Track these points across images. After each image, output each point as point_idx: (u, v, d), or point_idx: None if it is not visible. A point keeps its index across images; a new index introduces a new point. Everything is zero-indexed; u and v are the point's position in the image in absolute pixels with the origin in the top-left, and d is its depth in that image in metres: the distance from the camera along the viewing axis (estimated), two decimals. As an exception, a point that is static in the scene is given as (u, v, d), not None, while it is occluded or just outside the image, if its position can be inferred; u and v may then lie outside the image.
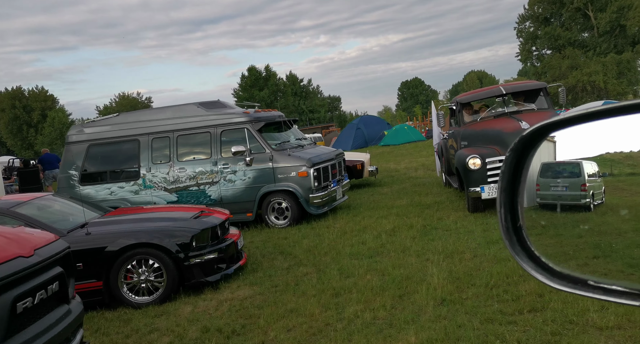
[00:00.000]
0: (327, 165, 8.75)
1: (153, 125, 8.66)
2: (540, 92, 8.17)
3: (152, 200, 8.57)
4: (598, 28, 50.66)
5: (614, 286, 0.76)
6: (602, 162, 0.84)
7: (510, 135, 6.69)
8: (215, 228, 5.58)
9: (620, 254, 0.83)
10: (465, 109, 8.36)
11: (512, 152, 0.90)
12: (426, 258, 5.62)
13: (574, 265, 0.86)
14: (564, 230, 0.92)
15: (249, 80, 75.60)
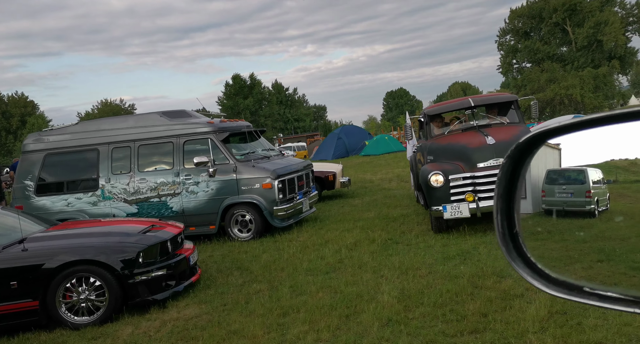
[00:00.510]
0: (293, 177, 8.60)
1: (114, 134, 8.43)
2: (512, 105, 7.76)
3: (111, 212, 8.32)
4: (576, 43, 51.76)
5: (609, 293, 0.76)
6: (607, 169, 0.85)
7: (475, 151, 6.43)
8: (165, 243, 5.38)
9: (623, 258, 0.83)
10: (434, 122, 7.86)
11: (508, 159, 0.90)
12: (381, 274, 5.49)
13: (570, 271, 0.87)
14: (569, 235, 0.92)
15: (234, 88, 75.34)
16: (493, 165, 6.23)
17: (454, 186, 6.35)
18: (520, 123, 7.52)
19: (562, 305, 3.93)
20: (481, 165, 6.29)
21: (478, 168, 6.29)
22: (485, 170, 6.25)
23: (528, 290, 4.43)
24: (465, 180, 6.30)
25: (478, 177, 6.27)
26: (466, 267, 5.29)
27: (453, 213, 6.25)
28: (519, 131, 6.83)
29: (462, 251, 5.92)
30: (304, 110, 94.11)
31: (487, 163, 6.27)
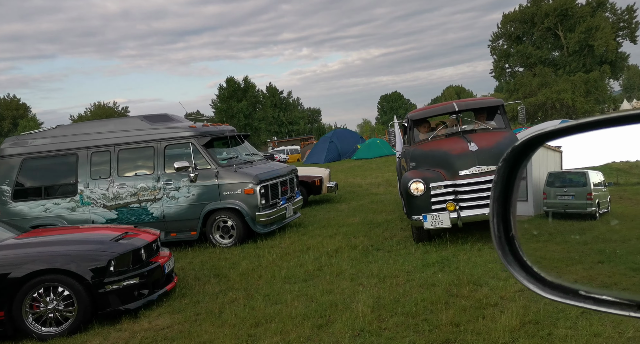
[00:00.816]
0: (276, 182, 8.51)
1: (93, 139, 8.30)
2: (498, 110, 7.41)
3: (90, 218, 8.18)
4: (567, 47, 52.09)
5: (605, 296, 0.76)
6: (608, 171, 0.85)
7: (457, 158, 6.15)
8: (139, 251, 5.26)
9: (623, 259, 0.84)
10: (419, 127, 7.50)
11: (504, 162, 0.90)
12: (359, 282, 5.40)
13: (567, 274, 0.87)
14: (570, 237, 0.93)
15: (227, 91, 75.09)
16: (475, 172, 5.99)
17: (435, 195, 6.07)
18: (506, 128, 7.20)
19: (534, 315, 3.86)
20: (463, 172, 6.03)
21: (460, 176, 6.04)
22: (467, 177, 6.01)
23: (503, 299, 4.36)
24: (447, 188, 6.05)
25: (460, 185, 6.02)
26: (444, 275, 5.21)
27: (434, 223, 5.97)
28: (503, 137, 6.57)
29: (442, 258, 5.85)
30: (298, 113, 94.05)
31: (469, 170, 6.02)
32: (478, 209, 5.89)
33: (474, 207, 5.91)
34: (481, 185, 5.89)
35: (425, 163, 6.53)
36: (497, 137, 6.63)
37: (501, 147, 6.16)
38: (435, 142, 7.01)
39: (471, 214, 5.90)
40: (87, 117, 69.50)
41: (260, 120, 75.19)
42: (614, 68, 51.62)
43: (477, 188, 5.91)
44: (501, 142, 6.36)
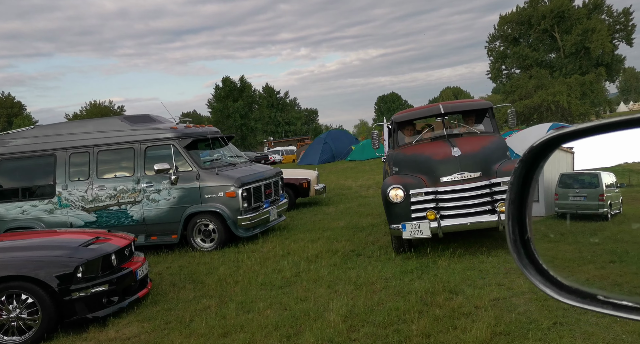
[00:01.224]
0: (259, 185, 8.37)
1: (72, 139, 8.14)
2: (486, 113, 7.02)
3: (69, 221, 8.02)
4: (564, 49, 52.10)
5: (624, 302, 0.75)
6: (620, 173, 0.85)
7: (439, 163, 5.82)
8: (109, 257, 5.12)
9: (635, 259, 0.83)
10: (405, 129, 7.12)
11: (521, 163, 0.88)
12: (335, 289, 5.27)
13: (583, 278, 0.87)
14: (582, 238, 0.93)
15: (224, 91, 74.79)
16: (457, 179, 5.67)
17: (415, 203, 5.73)
18: (494, 132, 6.85)
19: (506, 325, 3.74)
20: (445, 179, 5.71)
21: (441, 183, 5.72)
22: (448, 185, 5.69)
23: (477, 308, 4.24)
24: (427, 196, 5.71)
25: (441, 193, 5.69)
26: (421, 282, 5.09)
27: (413, 232, 5.61)
28: (490, 142, 6.28)
29: (422, 264, 5.72)
30: (295, 113, 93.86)
31: (451, 177, 5.70)
32: (460, 218, 5.59)
33: (456, 216, 5.62)
34: (463, 193, 5.62)
35: (407, 168, 6.22)
36: (483, 141, 6.30)
37: (486, 152, 5.93)
38: (419, 145, 6.65)
39: (452, 223, 5.60)
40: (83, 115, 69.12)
41: (257, 120, 74.95)
42: (610, 71, 51.65)
43: (459, 196, 5.63)
44: (487, 147, 6.07)
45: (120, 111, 78.26)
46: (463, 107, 7.30)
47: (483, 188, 5.59)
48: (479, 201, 5.55)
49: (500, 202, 5.47)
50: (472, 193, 5.58)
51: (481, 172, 5.66)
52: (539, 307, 4.09)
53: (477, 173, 5.65)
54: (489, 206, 5.54)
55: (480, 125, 7.04)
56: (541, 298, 4.29)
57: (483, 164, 5.73)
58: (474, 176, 5.65)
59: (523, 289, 4.60)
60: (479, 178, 5.65)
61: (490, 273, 5.19)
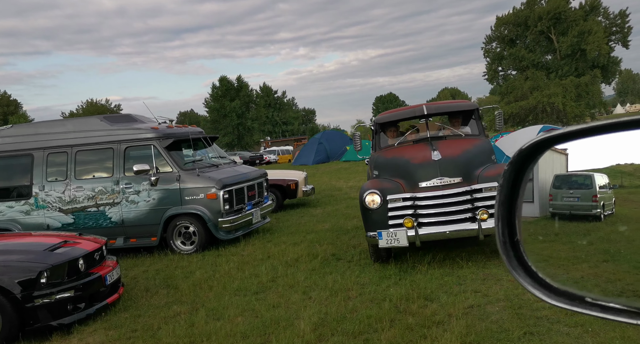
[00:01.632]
0: (242, 187, 8.21)
1: (50, 139, 7.97)
2: (472, 115, 6.72)
3: (45, 222, 7.85)
4: (560, 51, 52.08)
5: (612, 304, 0.76)
6: (612, 174, 0.87)
7: (417, 167, 5.50)
8: (76, 261, 4.95)
9: (627, 258, 0.85)
10: (388, 131, 6.81)
11: (511, 165, 0.89)
12: (310, 296, 5.12)
13: (571, 279, 0.88)
14: (575, 238, 0.94)
15: (220, 90, 74.57)
16: (437, 185, 5.35)
17: (393, 209, 5.38)
18: (480, 135, 6.53)
19: (476, 335, 3.60)
20: (423, 184, 5.39)
21: (420, 188, 5.39)
22: (427, 190, 5.36)
23: (450, 316, 4.10)
24: (405, 202, 5.37)
25: (419, 199, 5.36)
26: (397, 289, 4.94)
27: (389, 241, 5.26)
28: (473, 145, 5.96)
29: (400, 270, 5.57)
30: (292, 113, 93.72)
31: (430, 182, 5.37)
32: (438, 226, 5.26)
33: (434, 224, 5.29)
34: (442, 199, 5.28)
35: (386, 172, 5.91)
36: (466, 144, 6.01)
37: (468, 156, 5.61)
38: (400, 148, 6.34)
39: (430, 232, 5.26)
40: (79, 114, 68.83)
41: (254, 119, 74.77)
42: (606, 73, 51.65)
43: (437, 202, 5.29)
44: (469, 150, 5.75)
45: (117, 110, 77.94)
46: (447, 108, 7.00)
47: (463, 194, 5.27)
48: (458, 208, 5.23)
49: (481, 210, 5.14)
50: (452, 200, 5.26)
51: (462, 177, 5.34)
52: (511, 315, 3.95)
53: (457, 179, 5.33)
54: (469, 214, 5.21)
55: (467, 128, 6.72)
56: (515, 305, 4.16)
57: (464, 169, 5.41)
58: (454, 182, 5.32)
59: (499, 296, 4.46)
60: (460, 183, 5.32)
61: (468, 279, 5.05)
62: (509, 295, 4.44)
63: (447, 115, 7.21)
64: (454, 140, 6.34)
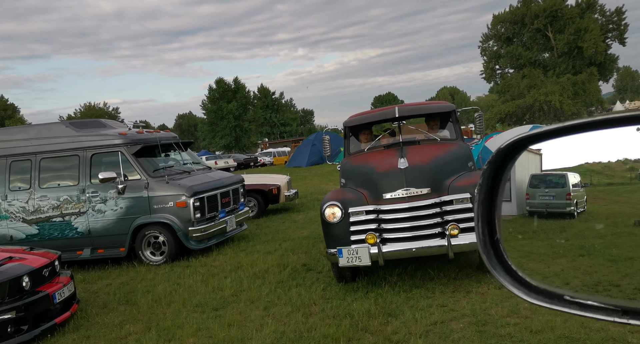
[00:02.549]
0: (215, 194, 7.89)
1: (13, 146, 7.66)
2: (449, 118, 6.13)
3: (9, 233, 7.54)
4: (557, 49, 51.76)
5: (590, 302, 0.77)
6: (583, 173, 0.92)
7: (382, 176, 4.93)
8: (18, 280, 4.64)
9: (601, 253, 0.89)
10: (361, 134, 6.23)
11: (489, 165, 0.90)
12: (271, 312, 4.81)
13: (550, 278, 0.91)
14: (552, 234, 0.98)
15: (217, 92, 74.33)
16: (402, 196, 4.75)
17: (355, 223, 4.80)
18: (457, 139, 5.93)
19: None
20: (388, 196, 4.80)
21: (384, 200, 4.81)
22: (391, 202, 4.78)
23: (411, 334, 3.81)
24: (368, 215, 4.79)
25: (383, 212, 4.78)
26: (362, 303, 4.63)
27: (350, 259, 4.67)
28: (446, 151, 5.38)
29: (369, 281, 5.26)
30: (290, 114, 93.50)
31: (395, 193, 4.77)
32: (404, 243, 4.68)
33: (399, 240, 4.71)
34: (408, 213, 4.69)
35: (352, 180, 5.36)
36: (439, 150, 5.40)
37: (439, 164, 5.01)
38: (369, 154, 5.75)
39: (395, 249, 4.66)
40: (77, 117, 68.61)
41: (251, 121, 74.49)
42: (603, 70, 51.33)
43: (402, 216, 4.70)
44: (440, 157, 5.16)
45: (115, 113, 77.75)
46: (421, 110, 6.27)
47: (431, 207, 4.69)
48: (426, 222, 4.66)
49: (451, 224, 4.58)
50: (418, 213, 4.68)
51: (430, 188, 4.77)
52: (474, 333, 3.65)
53: (425, 189, 4.75)
54: (438, 229, 4.65)
55: (445, 131, 6.14)
56: (480, 321, 3.85)
57: (433, 178, 4.84)
58: (421, 193, 4.74)
59: (465, 311, 4.16)
60: (427, 195, 4.74)
61: (437, 292, 4.74)
62: (476, 310, 4.13)
63: (424, 118, 6.62)
64: (427, 145, 5.75)
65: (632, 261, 0.85)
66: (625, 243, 0.86)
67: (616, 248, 0.87)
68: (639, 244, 0.84)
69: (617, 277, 0.84)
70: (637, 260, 0.84)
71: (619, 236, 0.87)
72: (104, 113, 75.08)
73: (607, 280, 0.85)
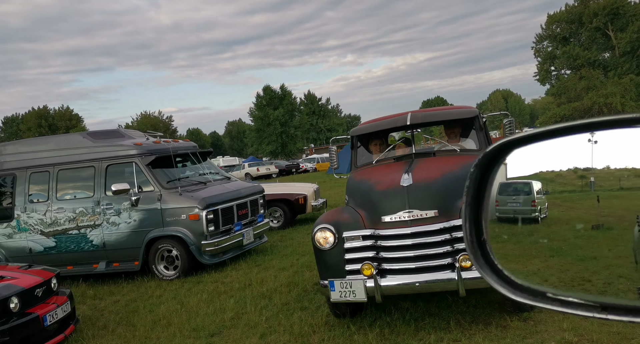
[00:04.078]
0: (230, 205, 7.57)
1: (32, 158, 7.68)
2: (473, 125, 5.10)
3: (28, 246, 7.54)
4: (619, 48, 48.48)
5: (571, 298, 0.81)
6: (542, 181, 0.98)
7: (382, 196, 4.10)
8: (5, 302, 4.43)
9: (569, 253, 0.95)
10: (372, 145, 5.38)
11: (476, 168, 0.93)
12: (267, 340, 4.36)
13: (533, 276, 0.95)
14: (522, 238, 1.03)
15: (264, 99, 75.43)
16: (404, 219, 3.90)
17: (350, 250, 4.01)
18: (480, 150, 4.84)
19: None
20: (387, 219, 3.96)
21: (383, 224, 3.98)
22: (391, 226, 3.94)
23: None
24: (365, 241, 3.99)
25: (382, 238, 3.96)
26: (364, 335, 4.09)
27: (343, 293, 3.92)
28: (461, 165, 4.38)
29: (379, 309, 4.68)
30: (337, 120, 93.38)
31: (396, 216, 3.93)
32: (405, 275, 3.86)
33: (400, 272, 3.89)
34: (410, 240, 3.85)
35: (354, 198, 4.57)
36: (453, 164, 4.47)
37: (449, 181, 4.06)
38: (376, 168, 4.91)
39: (395, 283, 3.85)
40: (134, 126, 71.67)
41: (297, 127, 74.96)
42: (672, 69, 47.45)
43: (404, 243, 3.88)
44: (453, 172, 4.22)
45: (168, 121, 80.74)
46: (438, 116, 5.33)
47: (439, 233, 3.83)
48: (432, 252, 3.82)
49: (462, 254, 3.73)
50: (423, 240, 3.85)
51: (437, 210, 3.89)
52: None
53: (431, 212, 3.89)
54: (448, 260, 3.80)
55: (468, 140, 5.18)
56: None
57: (442, 198, 3.96)
58: (426, 216, 3.88)
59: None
60: (435, 218, 3.88)
61: (452, 322, 4.12)
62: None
63: (443, 125, 5.46)
64: (443, 157, 4.83)
65: (597, 260, 0.92)
66: (587, 244, 0.92)
67: (580, 249, 0.93)
68: (600, 245, 0.91)
69: (587, 274, 0.90)
70: (601, 259, 0.92)
71: (581, 239, 0.92)
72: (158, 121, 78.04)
73: (580, 277, 0.90)
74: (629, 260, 0.84)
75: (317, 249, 4.18)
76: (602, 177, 0.85)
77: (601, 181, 0.85)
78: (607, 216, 0.88)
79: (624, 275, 0.84)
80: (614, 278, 0.85)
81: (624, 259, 0.86)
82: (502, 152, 0.92)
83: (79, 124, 77.46)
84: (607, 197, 0.86)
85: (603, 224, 0.88)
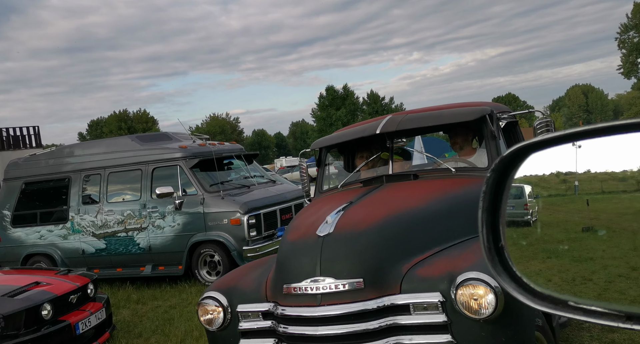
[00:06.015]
0: (274, 210, 7.29)
1: (85, 161, 7.83)
2: (482, 131, 3.47)
3: (81, 247, 7.69)
4: None
5: (594, 307, 0.80)
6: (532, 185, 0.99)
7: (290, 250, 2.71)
8: (37, 308, 4.39)
9: (563, 254, 0.96)
10: (357, 157, 3.89)
11: (493, 173, 0.92)
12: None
13: (553, 285, 0.94)
14: (518, 240, 1.01)
15: (327, 99, 75.60)
16: (310, 293, 2.45)
17: (247, 333, 2.71)
18: (487, 168, 3.12)
19: None
20: (288, 290, 2.53)
21: (283, 297, 2.55)
22: (294, 302, 2.49)
23: None
24: (266, 320, 2.65)
25: (283, 320, 2.54)
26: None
27: None
28: (429, 199, 2.98)
29: None
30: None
31: (299, 287, 2.48)
32: None
33: None
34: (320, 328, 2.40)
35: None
36: (416, 197, 3.01)
37: (387, 230, 2.61)
38: (329, 197, 3.49)
39: None
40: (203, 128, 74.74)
41: (360, 127, 74.37)
42: None
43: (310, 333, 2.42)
44: (408, 212, 2.80)
45: (235, 123, 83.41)
46: (424, 120, 3.62)
47: (365, 317, 2.37)
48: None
49: None
50: (339, 330, 2.38)
51: (363, 279, 2.42)
52: None
53: (354, 281, 2.42)
54: None
55: (480, 152, 3.54)
56: None
57: (374, 258, 2.50)
58: (343, 289, 2.41)
59: None
60: (357, 292, 2.40)
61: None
62: None
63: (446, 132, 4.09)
64: (425, 181, 3.35)
65: (593, 261, 0.92)
66: (580, 246, 0.93)
67: (575, 251, 0.94)
68: (593, 247, 0.91)
69: (586, 273, 0.90)
70: (597, 260, 0.91)
71: (574, 241, 0.93)
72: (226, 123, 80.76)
73: (580, 276, 0.90)
74: (624, 260, 0.86)
75: (206, 329, 2.87)
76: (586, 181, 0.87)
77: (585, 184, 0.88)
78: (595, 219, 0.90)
79: (623, 274, 0.86)
80: (613, 277, 0.86)
81: (619, 260, 0.87)
82: (519, 157, 0.92)
83: (154, 126, 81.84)
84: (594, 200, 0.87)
85: (593, 226, 0.90)
